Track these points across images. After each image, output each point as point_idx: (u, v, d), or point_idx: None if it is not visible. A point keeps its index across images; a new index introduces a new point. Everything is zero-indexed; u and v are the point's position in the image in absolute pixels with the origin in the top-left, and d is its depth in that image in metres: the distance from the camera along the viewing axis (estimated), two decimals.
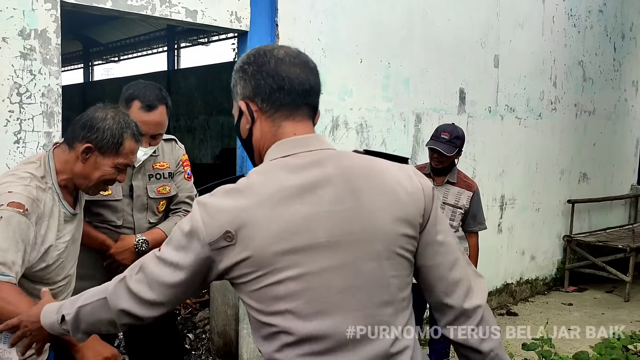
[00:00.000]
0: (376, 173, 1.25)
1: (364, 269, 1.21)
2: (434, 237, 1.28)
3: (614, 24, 6.96)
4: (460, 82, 4.99)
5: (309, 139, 1.26)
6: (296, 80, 1.25)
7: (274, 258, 1.16)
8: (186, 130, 13.48)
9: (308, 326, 1.18)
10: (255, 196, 1.18)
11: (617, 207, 7.45)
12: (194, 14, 3.26)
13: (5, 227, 1.67)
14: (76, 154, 1.87)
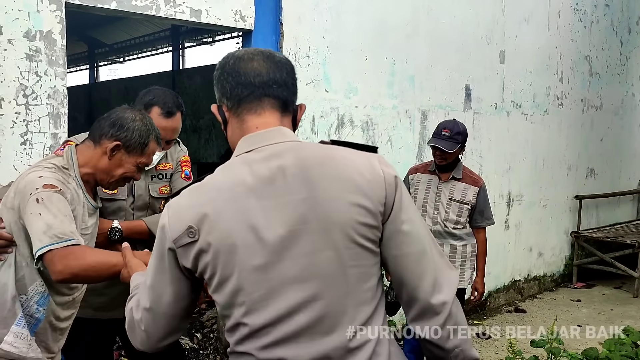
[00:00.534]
0: (333, 162, 1.24)
1: (321, 258, 1.20)
2: (398, 227, 1.24)
3: (620, 18, 6.92)
4: (465, 79, 4.97)
5: (270, 132, 1.27)
6: (252, 73, 1.28)
7: (231, 251, 1.20)
8: (192, 130, 13.50)
9: (262, 317, 1.20)
10: (216, 191, 1.23)
11: (625, 203, 7.41)
12: (199, 14, 3.25)
13: (49, 205, 1.74)
14: (102, 150, 1.93)
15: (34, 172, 1.83)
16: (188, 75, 13.95)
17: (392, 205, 1.24)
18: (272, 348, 1.21)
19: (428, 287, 1.24)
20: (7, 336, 1.80)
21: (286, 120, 1.32)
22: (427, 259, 1.26)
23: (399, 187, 1.25)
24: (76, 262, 1.70)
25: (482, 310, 5.35)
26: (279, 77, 1.29)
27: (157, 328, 1.32)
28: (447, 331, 1.25)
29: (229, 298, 1.23)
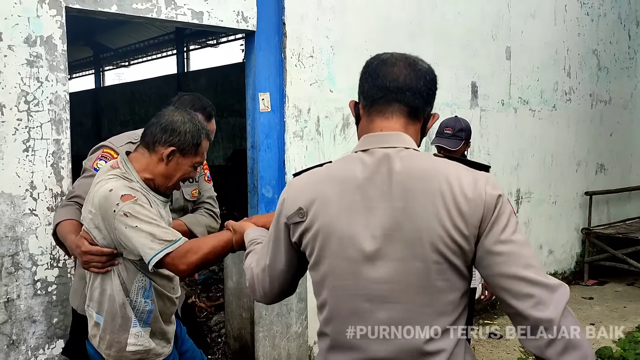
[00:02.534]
0: (437, 177, 1.28)
1: (408, 266, 1.28)
2: (492, 247, 1.26)
3: (628, 11, 6.82)
4: (472, 76, 4.91)
5: (389, 136, 1.36)
6: (390, 76, 1.37)
7: (329, 237, 1.33)
8: None
9: (346, 305, 1.34)
10: (329, 181, 1.37)
11: (636, 198, 7.31)
12: (200, 16, 3.22)
13: (138, 216, 1.84)
14: (158, 156, 1.98)
15: (103, 187, 1.89)
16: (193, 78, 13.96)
17: (488, 226, 1.26)
18: (352, 340, 1.33)
19: (529, 305, 1.23)
20: (129, 339, 1.97)
21: (413, 127, 1.39)
22: (523, 281, 1.24)
23: (498, 208, 1.27)
24: (196, 256, 1.84)
25: (492, 309, 5.29)
26: (414, 84, 1.37)
27: (272, 287, 1.52)
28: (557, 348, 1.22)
29: (320, 278, 1.38)
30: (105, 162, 2.19)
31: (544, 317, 1.21)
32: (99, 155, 2.32)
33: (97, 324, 2.00)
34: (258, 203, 3.64)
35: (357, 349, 1.34)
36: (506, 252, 1.25)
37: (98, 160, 2.28)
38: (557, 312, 1.21)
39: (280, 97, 3.65)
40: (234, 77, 11.62)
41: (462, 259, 1.28)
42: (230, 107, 12.16)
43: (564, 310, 1.22)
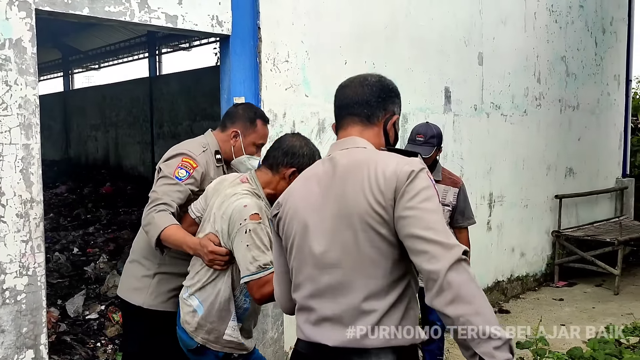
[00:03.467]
0: (366, 164, 1.56)
1: (343, 236, 1.54)
2: (401, 212, 1.47)
3: (595, 18, 7.00)
4: (445, 81, 4.97)
5: (344, 141, 1.68)
6: (342, 96, 1.73)
7: (293, 218, 1.66)
8: (170, 136, 13.33)
9: (302, 275, 1.63)
10: (300, 177, 1.75)
11: (603, 201, 7.49)
12: (174, 19, 3.19)
13: (255, 238, 2.14)
14: (281, 176, 2.33)
15: (239, 200, 2.22)
16: (165, 82, 13.79)
17: (401, 194, 1.48)
18: (307, 299, 1.62)
19: (424, 259, 1.41)
20: (226, 330, 2.27)
21: (369, 131, 1.69)
22: (424, 237, 1.42)
23: (410, 179, 1.48)
24: (269, 289, 2.06)
25: None
26: (360, 98, 1.69)
27: (279, 289, 1.79)
28: (445, 297, 1.36)
29: (289, 254, 1.69)
30: (187, 172, 2.49)
31: (433, 269, 1.37)
32: (179, 164, 2.51)
33: (195, 312, 2.28)
34: None
35: (312, 310, 1.60)
36: (411, 216, 1.45)
37: (179, 169, 2.50)
38: (445, 265, 1.36)
39: (256, 102, 3.63)
40: (206, 81, 11.52)
41: (386, 227, 1.50)
42: (203, 111, 12.06)
43: (454, 265, 1.36)
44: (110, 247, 6.92)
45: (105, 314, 4.79)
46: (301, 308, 1.64)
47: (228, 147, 2.68)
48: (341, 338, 1.52)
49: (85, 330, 4.54)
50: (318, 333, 1.57)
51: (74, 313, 4.76)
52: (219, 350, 2.28)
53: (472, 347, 1.35)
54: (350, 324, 1.52)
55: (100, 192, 11.49)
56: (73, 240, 7.31)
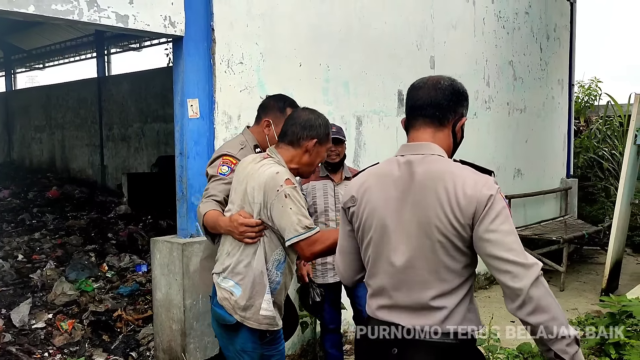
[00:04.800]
0: (445, 177, 1.71)
1: (421, 242, 1.72)
2: (482, 234, 1.65)
3: (539, 25, 7.27)
4: (398, 84, 5.05)
5: (419, 145, 1.81)
6: (415, 98, 1.83)
7: (372, 216, 1.82)
8: (120, 138, 13.01)
9: (380, 266, 1.81)
10: (373, 176, 1.87)
11: (549, 200, 7.77)
12: (125, 19, 3.11)
13: (295, 201, 2.28)
14: (303, 149, 2.44)
15: (269, 169, 2.34)
16: (114, 82, 13.45)
17: (480, 218, 1.65)
18: (382, 288, 1.81)
19: (507, 278, 1.62)
20: (262, 304, 2.36)
21: (440, 133, 1.82)
22: (505, 262, 1.63)
23: (489, 204, 1.66)
24: (320, 247, 2.30)
25: None
26: (433, 100, 1.80)
27: (345, 267, 2.00)
28: (526, 310, 1.61)
29: (365, 246, 1.87)
30: (228, 168, 2.67)
31: (516, 287, 1.61)
32: (220, 162, 2.71)
33: (232, 293, 2.38)
34: (187, 212, 3.56)
35: (387, 297, 1.80)
36: (492, 240, 1.64)
37: (221, 166, 2.69)
38: (527, 283, 1.60)
39: (210, 104, 3.59)
40: (158, 82, 11.31)
41: (460, 239, 1.69)
42: (154, 112, 11.82)
43: (535, 282, 1.61)
44: (58, 254, 6.69)
45: (53, 322, 4.62)
46: (375, 294, 1.86)
47: (263, 137, 2.85)
48: (414, 322, 1.75)
49: (32, 340, 4.37)
50: (391, 316, 1.80)
51: (19, 322, 4.58)
52: (256, 328, 2.38)
53: (548, 345, 1.64)
54: (421, 315, 1.74)
55: (46, 196, 11.08)
56: (17, 247, 7.03)
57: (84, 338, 4.39)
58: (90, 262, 6.22)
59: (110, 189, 12.37)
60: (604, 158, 9.22)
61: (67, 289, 5.20)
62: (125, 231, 7.79)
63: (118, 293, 5.30)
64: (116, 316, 4.68)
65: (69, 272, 5.74)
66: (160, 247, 3.61)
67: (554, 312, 1.61)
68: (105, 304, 4.95)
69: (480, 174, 1.72)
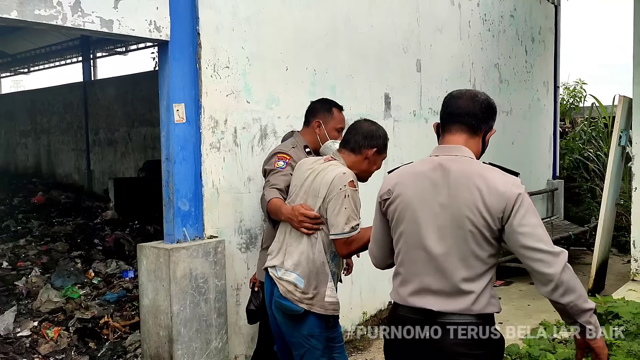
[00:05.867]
0: (476, 176, 1.96)
1: (453, 232, 1.96)
2: (515, 228, 1.91)
3: (524, 28, 7.33)
4: (385, 87, 5.06)
5: (452, 147, 2.06)
6: (454, 106, 2.09)
7: (406, 208, 2.05)
8: (106, 143, 12.92)
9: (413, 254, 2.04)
10: (408, 172, 2.11)
11: (535, 202, 7.83)
12: (110, 24, 3.09)
13: (352, 202, 2.56)
14: (363, 156, 2.74)
15: (338, 170, 2.62)
16: (101, 87, 13.36)
17: (510, 214, 1.91)
18: (412, 275, 2.05)
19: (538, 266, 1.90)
20: (326, 291, 2.63)
21: (472, 140, 2.07)
22: (535, 251, 1.90)
23: (519, 202, 1.91)
24: (356, 245, 2.60)
25: None
26: (471, 110, 2.06)
27: (378, 253, 2.26)
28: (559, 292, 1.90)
29: (398, 236, 2.10)
30: (284, 162, 3.00)
31: (549, 272, 1.88)
32: (276, 158, 3.06)
33: (296, 285, 2.62)
34: (174, 217, 3.53)
35: (419, 283, 2.02)
36: (524, 232, 1.90)
37: (277, 162, 3.03)
38: (558, 269, 1.88)
39: (196, 108, 3.58)
40: (144, 86, 11.25)
41: (489, 231, 1.94)
42: (141, 116, 11.75)
43: (564, 267, 1.88)
44: (43, 260, 6.61)
45: (38, 330, 4.57)
46: (406, 281, 2.07)
47: (314, 138, 3.21)
48: (445, 306, 1.97)
49: (17, 348, 4.31)
50: (421, 301, 2.01)
51: (4, 331, 4.52)
52: (323, 314, 2.63)
53: (575, 318, 1.95)
54: (452, 299, 1.97)
55: (31, 202, 10.96)
56: (2, 254, 6.94)
57: (70, 346, 4.34)
58: (76, 268, 6.16)
59: (97, 194, 12.27)
60: (590, 159, 9.32)
61: (53, 296, 5.14)
62: (112, 237, 7.72)
63: (105, 300, 5.25)
64: (103, 323, 4.64)
65: (55, 279, 5.68)
66: (147, 252, 3.58)
67: (579, 290, 1.92)
68: (91, 311, 4.90)
69: (509, 175, 1.99)
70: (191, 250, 3.48)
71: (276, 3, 4.05)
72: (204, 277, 3.55)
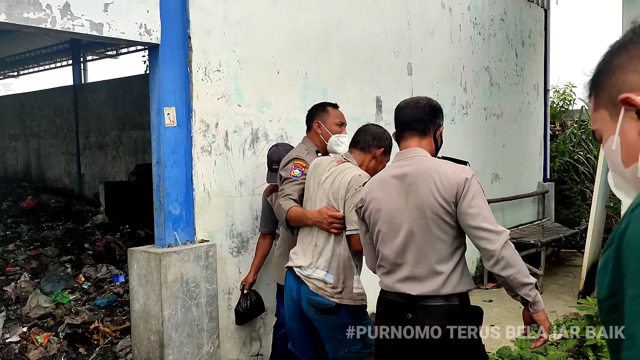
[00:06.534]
0: (431, 170, 2.22)
1: (418, 222, 2.22)
2: (464, 210, 2.16)
3: (515, 31, 7.37)
4: (376, 91, 5.07)
5: (408, 151, 2.34)
6: (402, 115, 2.38)
7: (377, 210, 2.32)
8: (97, 147, 12.84)
9: (388, 249, 2.30)
10: (376, 179, 2.41)
11: (527, 204, 7.87)
12: (100, 27, 3.07)
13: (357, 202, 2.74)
14: (372, 156, 2.95)
15: (354, 172, 2.84)
16: (91, 90, 13.28)
17: (461, 197, 2.16)
18: (393, 265, 2.29)
19: (484, 243, 2.14)
20: (354, 284, 2.84)
21: (424, 141, 2.34)
22: (481, 229, 2.14)
23: (467, 186, 2.16)
24: None
25: None
26: (416, 116, 2.34)
27: (367, 256, 2.50)
28: (499, 267, 2.14)
29: (375, 235, 2.36)
30: (300, 171, 3.14)
31: (491, 249, 2.12)
32: (292, 166, 3.17)
33: (325, 281, 2.82)
34: (165, 221, 3.51)
35: (398, 272, 2.27)
36: (471, 212, 2.14)
37: (294, 170, 3.15)
38: (499, 246, 2.12)
39: (187, 112, 3.56)
40: (135, 89, 11.19)
41: (448, 215, 2.18)
42: (132, 120, 11.69)
43: (504, 244, 2.12)
44: (33, 265, 6.54)
45: (27, 336, 4.51)
46: (389, 271, 2.32)
47: (319, 139, 3.38)
48: (421, 289, 2.22)
49: (6, 354, 4.26)
50: (404, 286, 2.26)
51: None
52: (352, 304, 2.83)
53: (516, 291, 2.17)
54: (426, 280, 2.21)
55: (21, 206, 10.86)
56: None
57: (60, 351, 4.30)
58: (66, 273, 6.10)
59: (87, 198, 12.18)
60: (580, 162, 9.37)
61: (42, 302, 5.09)
62: (103, 241, 7.66)
63: (95, 305, 5.20)
64: (93, 328, 4.60)
65: (44, 284, 5.62)
66: (138, 257, 3.55)
67: (519, 266, 2.14)
68: (81, 316, 4.86)
69: (458, 164, 2.27)
70: (182, 255, 3.46)
71: (267, 6, 4.04)
72: (195, 282, 3.53)
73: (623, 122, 0.92)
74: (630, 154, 0.92)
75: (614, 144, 0.94)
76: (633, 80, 0.92)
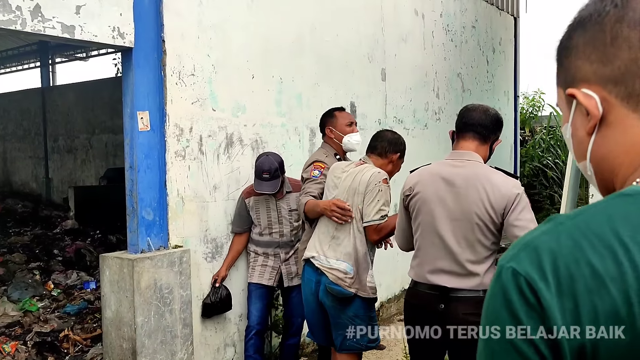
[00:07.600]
0: (482, 177, 2.38)
1: (462, 224, 2.39)
2: (512, 222, 2.32)
3: (486, 38, 7.51)
4: (350, 96, 5.10)
5: (464, 153, 2.48)
6: (469, 117, 2.51)
7: (425, 203, 2.49)
8: (66, 150, 12.59)
9: (429, 239, 2.49)
10: (426, 173, 2.54)
11: None
12: (72, 30, 3.02)
13: (383, 195, 3.01)
14: (389, 160, 3.20)
15: (373, 170, 3.06)
16: (60, 93, 13.02)
17: (510, 210, 2.33)
18: (430, 258, 2.48)
19: None
20: (367, 278, 3.08)
21: (482, 147, 2.49)
22: None
23: (517, 201, 2.34)
24: (384, 231, 3.05)
25: None
26: (482, 122, 2.48)
27: (402, 239, 2.71)
28: None
29: (416, 226, 2.54)
30: (319, 172, 3.39)
31: None
32: (312, 167, 3.44)
33: (347, 272, 3.03)
34: (138, 226, 3.46)
35: (433, 264, 2.45)
36: (519, 225, 2.29)
37: (314, 171, 3.41)
38: None
39: (161, 116, 3.53)
40: (105, 93, 11.02)
41: (492, 224, 2.36)
42: (102, 123, 11.51)
43: None
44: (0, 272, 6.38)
45: None
46: (422, 262, 2.49)
47: (334, 141, 3.60)
48: (456, 284, 2.39)
49: None
50: (438, 279, 2.42)
51: None
52: (365, 296, 3.06)
53: None
54: (461, 278, 2.39)
55: None
56: None
57: None
58: (35, 280, 5.96)
59: (56, 203, 11.93)
60: (549, 167, 9.57)
61: (10, 310, 4.96)
62: (72, 247, 7.50)
63: (65, 312, 5.09)
64: (63, 336, 4.50)
65: (12, 291, 5.48)
66: (110, 263, 3.50)
67: None
68: (50, 324, 4.75)
69: (510, 177, 2.42)
70: (156, 260, 3.42)
71: (242, 11, 4.04)
72: (168, 288, 3.49)
73: (574, 115, 0.82)
74: (580, 152, 0.84)
75: (567, 132, 0.86)
76: (585, 71, 0.78)
